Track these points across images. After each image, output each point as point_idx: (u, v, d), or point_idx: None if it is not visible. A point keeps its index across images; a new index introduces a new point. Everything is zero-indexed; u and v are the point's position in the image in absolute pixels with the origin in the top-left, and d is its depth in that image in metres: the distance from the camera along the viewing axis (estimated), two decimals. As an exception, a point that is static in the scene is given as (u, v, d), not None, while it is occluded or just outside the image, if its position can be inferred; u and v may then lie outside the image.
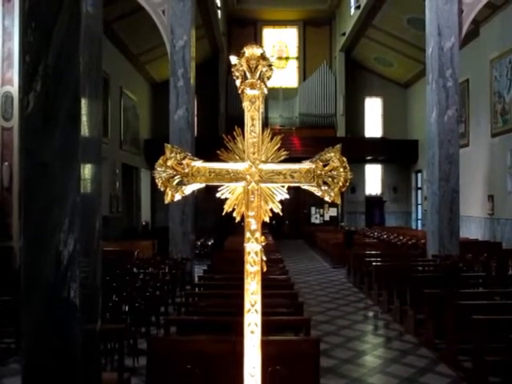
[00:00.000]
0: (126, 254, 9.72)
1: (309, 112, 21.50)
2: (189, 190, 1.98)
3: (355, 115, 21.70)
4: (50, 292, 2.35)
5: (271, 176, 1.96)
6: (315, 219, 21.78)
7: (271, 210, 1.97)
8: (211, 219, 18.41)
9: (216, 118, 21.13)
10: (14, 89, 8.54)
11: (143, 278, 6.77)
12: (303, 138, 20.02)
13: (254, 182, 1.94)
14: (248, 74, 1.93)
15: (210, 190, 2.06)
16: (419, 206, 20.76)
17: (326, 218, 21.68)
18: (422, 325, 5.74)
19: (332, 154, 1.93)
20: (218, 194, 1.98)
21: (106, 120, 14.42)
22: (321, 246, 15.18)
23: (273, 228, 17.57)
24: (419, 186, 20.61)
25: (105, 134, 14.29)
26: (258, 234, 1.93)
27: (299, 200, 20.24)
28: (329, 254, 13.52)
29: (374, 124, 22.23)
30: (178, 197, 1.97)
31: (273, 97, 20.87)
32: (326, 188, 1.95)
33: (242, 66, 1.93)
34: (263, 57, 1.93)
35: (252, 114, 1.94)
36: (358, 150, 19.32)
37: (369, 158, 20.89)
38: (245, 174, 1.95)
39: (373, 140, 21.27)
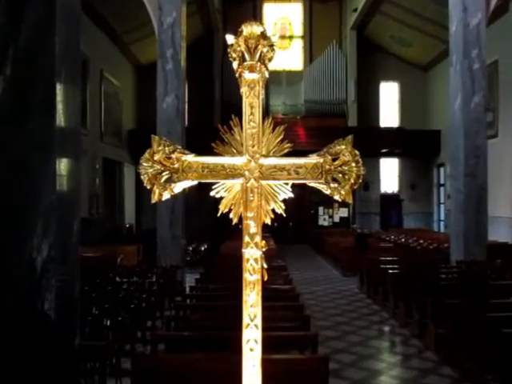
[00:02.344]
0: (107, 261, 9.72)
1: (316, 99, 21.51)
2: (179, 187, 1.98)
3: (369, 102, 21.70)
4: (21, 303, 2.34)
5: (273, 172, 1.95)
6: (323, 221, 21.80)
7: (273, 210, 1.97)
8: (205, 221, 18.41)
9: (210, 106, 21.12)
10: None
11: (127, 289, 6.77)
12: (309, 128, 20.02)
13: (253, 178, 1.94)
14: (246, 56, 1.93)
15: (204, 188, 2.06)
16: (442, 206, 20.77)
17: (336, 219, 21.69)
18: (445, 340, 5.75)
19: (342, 147, 1.93)
20: (212, 193, 1.98)
21: (85, 108, 14.39)
22: (329, 252, 15.18)
23: (275, 231, 17.57)
24: (442, 182, 20.61)
25: (83, 124, 14.26)
26: (257, 238, 1.93)
27: (305, 199, 20.25)
28: (339, 260, 13.53)
29: (390, 112, 22.22)
30: (166, 195, 1.97)
31: (275, 81, 20.86)
32: (336, 185, 1.94)
33: (239, 46, 1.93)
34: (264, 36, 1.92)
35: (251, 101, 1.94)
36: (372, 142, 19.32)
37: (384, 150, 20.89)
38: (243, 170, 1.95)
39: (389, 130, 21.27)
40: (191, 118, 19.43)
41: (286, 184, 1.98)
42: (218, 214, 2.00)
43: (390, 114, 22.21)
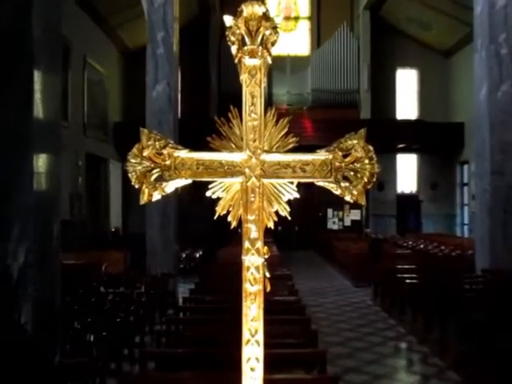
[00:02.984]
0: (91, 269, 9.72)
1: (324, 87, 21.52)
2: (171, 187, 1.99)
3: (384, 91, 21.69)
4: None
5: (276, 169, 1.96)
6: (332, 224, 21.80)
7: (276, 212, 1.97)
8: (200, 225, 18.41)
9: (206, 96, 21.13)
10: None
11: (113, 300, 6.77)
12: (317, 120, 20.02)
13: (254, 176, 1.94)
14: (247, 39, 1.93)
15: (199, 188, 2.07)
16: (465, 208, 20.75)
17: (347, 222, 21.69)
18: (468, 359, 5.75)
19: (354, 142, 1.93)
20: (208, 193, 1.98)
21: (66, 98, 14.41)
22: (340, 259, 15.18)
23: (278, 236, 17.56)
24: (465, 181, 20.60)
25: (64, 116, 14.27)
26: (259, 244, 1.94)
27: (312, 200, 20.24)
28: (350, 268, 13.53)
29: (407, 103, 22.22)
30: (157, 196, 1.98)
31: (278, 68, 20.87)
32: (347, 184, 1.95)
33: (238, 28, 1.93)
34: (266, 17, 1.93)
35: (252, 89, 1.94)
36: (388, 137, 19.31)
37: (401, 146, 20.89)
38: (243, 167, 1.95)
39: (406, 123, 21.26)
40: (185, 109, 19.43)
41: (291, 183, 1.98)
42: (215, 217, 2.00)
43: (407, 105, 22.20)
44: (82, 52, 15.84)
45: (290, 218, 1.97)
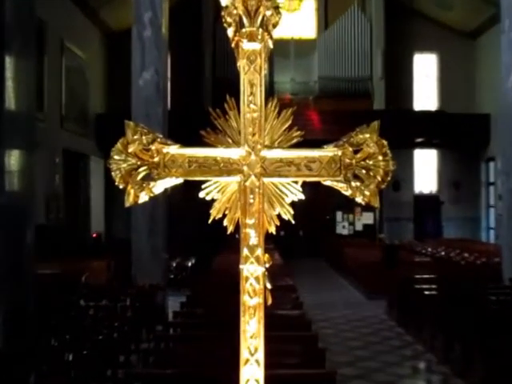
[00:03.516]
0: (69, 280, 9.71)
1: (333, 74, 21.51)
2: (160, 187, 1.99)
3: (400, 79, 21.69)
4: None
5: (279, 167, 1.96)
6: (342, 229, 21.79)
7: (279, 216, 1.97)
8: (192, 229, 18.40)
9: (199, 84, 21.14)
10: None
11: (94, 315, 6.77)
12: (325, 111, 20.04)
13: (253, 175, 1.95)
14: (245, 21, 1.93)
15: (191, 188, 2.06)
16: (491, 210, 20.75)
17: (358, 226, 21.69)
18: (495, 380, 5.74)
19: (367, 136, 1.93)
20: (201, 194, 1.98)
21: (41, 87, 14.41)
22: (350, 268, 15.18)
23: (281, 242, 17.55)
24: (491, 180, 20.59)
25: (39, 107, 14.26)
26: (259, 252, 1.94)
27: (319, 202, 20.20)
28: (362, 278, 13.53)
29: (426, 92, 22.23)
30: (144, 197, 1.98)
31: (281, 53, 20.82)
32: (358, 184, 1.95)
33: (236, 8, 1.93)
34: (267, -5, 1.93)
35: (251, 77, 1.94)
36: (404, 130, 19.31)
37: (419, 140, 20.89)
38: (241, 165, 1.96)
39: (425, 115, 21.27)
40: (175, 99, 19.43)
41: (296, 183, 1.98)
42: (210, 221, 2.00)
43: (426, 94, 22.21)
44: (59, 35, 15.83)
45: (293, 221, 1.97)
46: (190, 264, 14.67)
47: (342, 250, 16.71)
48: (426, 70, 22.28)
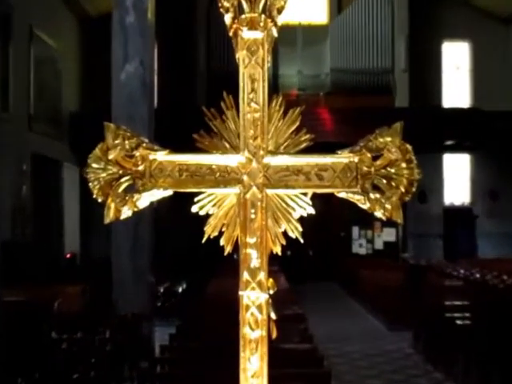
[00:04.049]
0: (38, 308, 9.69)
1: (347, 66, 21.56)
2: (145, 200, 1.99)
3: (426, 71, 21.75)
4: None
5: (285, 176, 1.96)
6: (359, 247, 21.75)
7: (284, 233, 1.97)
8: (183, 249, 18.41)
9: (191, 79, 21.19)
10: None
11: (68, 349, 6.75)
12: (338, 110, 20.06)
13: (255, 186, 1.95)
14: (245, 5, 1.94)
15: (181, 201, 2.06)
16: (535, 225, 20.74)
17: (378, 244, 21.64)
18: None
19: (388, 139, 1.93)
20: (193, 209, 1.98)
21: (6, 82, 14.45)
22: (369, 293, 15.13)
23: (288, 264, 17.53)
24: (535, 190, 20.59)
25: (3, 105, 14.30)
26: (262, 275, 1.94)
27: (332, 216, 20.22)
28: (382, 305, 13.48)
29: (457, 86, 22.27)
30: (126, 212, 1.98)
31: (287, 41, 20.84)
32: (378, 196, 1.95)
33: (234, -9, 1.95)
34: (270, -25, 1.94)
35: (252, 71, 1.95)
36: (432, 131, 19.32)
37: (449, 143, 20.89)
38: (240, 174, 1.96)
39: (456, 113, 21.27)
40: (163, 96, 19.49)
41: (304, 194, 1.99)
42: (204, 240, 2.00)
43: (457, 89, 22.25)
44: (27, 21, 15.87)
45: (302, 240, 1.98)
46: (180, 289, 14.65)
47: (359, 273, 16.66)
48: (456, 61, 22.34)
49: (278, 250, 1.97)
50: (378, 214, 1.95)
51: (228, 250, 1.98)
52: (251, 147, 1.95)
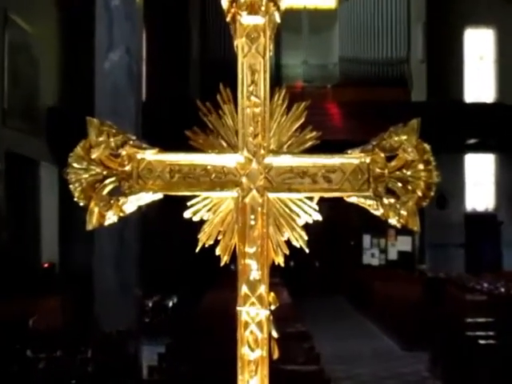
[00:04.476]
0: (12, 324, 9.69)
1: (358, 55, 21.57)
2: (132, 204, 1.99)
3: (446, 62, 21.74)
4: None
5: (288, 179, 1.96)
6: (371, 258, 21.74)
7: (288, 242, 1.98)
8: (174, 259, 18.40)
9: (184, 69, 21.19)
10: None
11: (46, 369, 6.74)
12: (348, 104, 20.03)
13: (255, 190, 1.95)
14: (244, -13, 1.94)
15: (173, 205, 2.06)
16: None
17: (392, 255, 21.62)
18: None
19: (403, 138, 1.94)
20: (186, 214, 1.98)
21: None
22: (381, 309, 15.13)
23: (291, 276, 17.51)
24: None
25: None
26: (262, 289, 1.94)
27: (341, 223, 20.23)
28: (396, 323, 13.48)
29: (481, 78, 22.25)
30: (111, 218, 1.98)
31: (291, 27, 20.89)
32: (393, 201, 1.95)
33: (232, -29, 1.95)
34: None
35: (252, 61, 1.95)
36: (452, 128, 19.29)
37: (472, 142, 20.88)
38: (239, 176, 1.96)
39: (480, 108, 21.21)
40: (152, 88, 19.47)
41: (310, 199, 1.99)
42: (197, 249, 2.00)
43: (480, 81, 22.23)
44: (0, 4, 15.88)
45: (307, 249, 1.97)
46: (170, 304, 14.64)
47: (371, 286, 16.66)
48: (480, 51, 22.32)
49: (280, 260, 1.97)
50: (393, 220, 1.96)
51: (225, 260, 1.98)
52: (251, 146, 1.95)
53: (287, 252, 1.97)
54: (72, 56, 19.99)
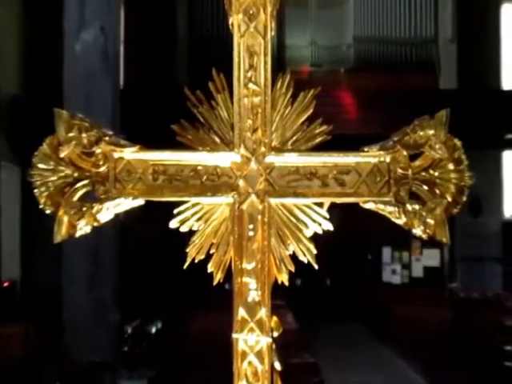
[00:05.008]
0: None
1: (376, 34, 21.60)
2: (108, 212, 2.00)
3: (480, 42, 21.77)
4: None
5: (293, 181, 1.97)
6: (392, 275, 21.75)
7: (293, 256, 1.98)
8: (157, 276, 18.40)
9: (169, 50, 21.22)
10: None
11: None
12: (364, 91, 20.03)
13: (254, 194, 1.95)
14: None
15: (156, 213, 2.06)
16: None
17: (416, 271, 21.64)
18: None
19: (430, 132, 1.94)
20: (173, 224, 1.98)
21: None
22: (404, 336, 15.12)
23: (297, 296, 17.55)
24: None
25: None
26: (263, 312, 1.94)
27: (356, 234, 20.23)
28: (421, 352, 13.47)
29: (521, 61, 22.33)
30: (84, 228, 1.98)
31: (297, 2, 20.97)
32: (417, 208, 1.96)
33: None
34: None
35: (250, 42, 1.96)
36: (488, 120, 19.34)
37: (511, 136, 20.91)
38: (235, 178, 1.97)
39: (520, 97, 21.32)
40: (131, 73, 19.48)
41: (320, 205, 1.99)
42: (186, 265, 2.00)
43: (521, 65, 22.31)
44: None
45: (316, 265, 1.97)
46: (154, 330, 14.65)
47: (392, 309, 16.66)
48: (519, 29, 22.41)
49: (284, 278, 1.97)
50: (417, 230, 1.96)
51: (218, 278, 1.98)
52: (249, 142, 1.96)
53: (292, 268, 1.98)
54: (38, 37, 20.01)
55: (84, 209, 1.96)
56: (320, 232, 1.98)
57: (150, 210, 2.15)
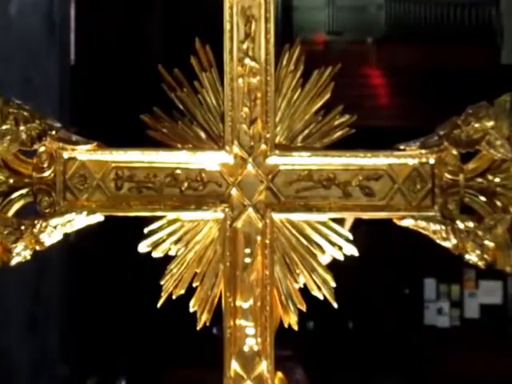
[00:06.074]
0: None
1: (415, -7, 21.74)
2: (55, 232, 2.00)
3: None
4: None
5: (304, 190, 1.98)
6: (437, 315, 21.78)
7: (304, 291, 1.98)
8: (122, 317, 18.46)
9: (137, 15, 21.29)
10: None
11: None
12: (399, 70, 20.14)
13: (252, 208, 1.96)
14: None
15: (120, 232, 2.07)
16: None
17: (471, 311, 21.68)
18: None
19: (488, 124, 1.95)
20: (142, 247, 1.98)
21: None
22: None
23: (309, 344, 17.63)
24: None
25: None
26: (264, 366, 1.95)
27: (388, 261, 20.31)
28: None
29: None
30: (21, 253, 1.98)
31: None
32: (472, 225, 1.96)
33: None
34: None
35: (247, 3, 1.96)
36: None
37: None
38: (226, 186, 1.97)
39: None
40: (86, 46, 19.55)
41: (340, 222, 1.99)
42: (159, 304, 2.01)
43: None
44: None
45: (335, 303, 1.98)
46: (116, 389, 14.73)
47: (438, 360, 16.74)
48: None
49: (292, 320, 1.98)
50: (471, 256, 1.96)
51: (203, 320, 1.99)
52: (245, 138, 1.97)
53: (303, 307, 1.98)
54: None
55: (22, 227, 1.96)
56: (340, 258, 1.99)
57: (112, 229, 2.16)
